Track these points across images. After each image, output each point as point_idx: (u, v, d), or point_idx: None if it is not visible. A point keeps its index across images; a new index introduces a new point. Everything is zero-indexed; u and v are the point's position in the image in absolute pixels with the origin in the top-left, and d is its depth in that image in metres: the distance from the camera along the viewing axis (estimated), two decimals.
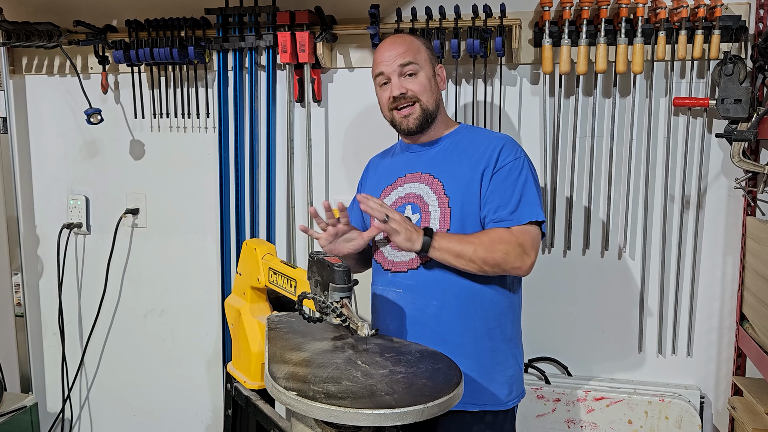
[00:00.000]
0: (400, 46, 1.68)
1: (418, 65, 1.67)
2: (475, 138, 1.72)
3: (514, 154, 1.65)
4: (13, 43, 2.44)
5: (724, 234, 2.14)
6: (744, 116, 1.97)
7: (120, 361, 2.73)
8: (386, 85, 1.70)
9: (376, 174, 1.87)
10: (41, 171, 2.71)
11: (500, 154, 1.64)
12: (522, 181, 1.63)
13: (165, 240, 2.62)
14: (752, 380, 2.03)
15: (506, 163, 1.64)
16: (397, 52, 1.67)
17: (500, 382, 1.66)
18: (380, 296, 1.73)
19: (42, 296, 2.77)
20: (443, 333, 1.62)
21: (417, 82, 1.67)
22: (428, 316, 1.64)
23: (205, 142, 2.51)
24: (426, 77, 1.69)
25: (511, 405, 1.68)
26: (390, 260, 1.70)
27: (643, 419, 2.13)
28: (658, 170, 2.14)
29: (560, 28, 2.06)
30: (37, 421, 2.54)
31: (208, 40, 2.36)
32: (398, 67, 1.66)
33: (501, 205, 1.61)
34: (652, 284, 2.19)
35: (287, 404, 1.20)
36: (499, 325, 1.67)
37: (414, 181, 1.71)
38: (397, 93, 1.67)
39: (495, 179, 1.63)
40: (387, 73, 1.68)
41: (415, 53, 1.68)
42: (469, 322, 1.64)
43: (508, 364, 1.69)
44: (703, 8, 1.95)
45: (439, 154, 1.72)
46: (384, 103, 1.72)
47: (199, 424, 2.69)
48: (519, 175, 1.63)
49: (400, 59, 1.66)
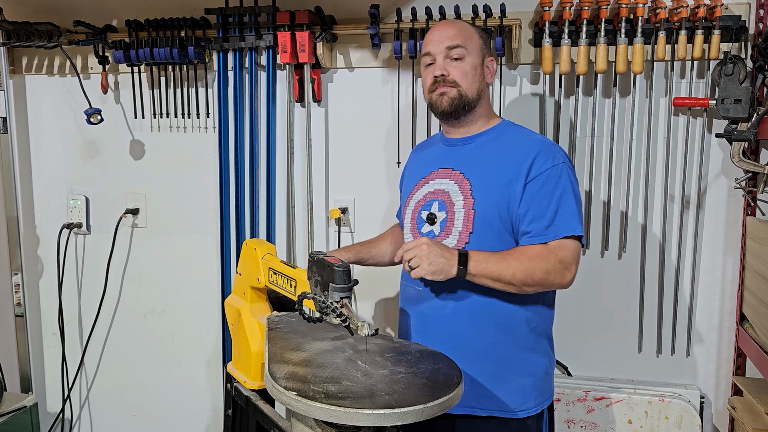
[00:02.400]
0: (452, 28, 1.65)
1: (466, 50, 1.63)
2: (512, 139, 1.66)
3: (550, 162, 1.57)
4: (13, 43, 2.44)
5: (724, 234, 2.14)
6: (744, 116, 1.97)
7: (120, 361, 2.73)
8: (430, 66, 1.66)
9: (413, 166, 1.85)
10: (41, 171, 2.71)
11: (533, 163, 1.56)
12: (559, 191, 1.55)
13: (165, 240, 2.62)
14: (752, 380, 2.03)
15: (541, 172, 1.56)
16: (447, 34, 1.64)
17: (512, 391, 1.62)
18: (404, 292, 1.76)
19: (42, 296, 2.77)
20: (455, 335, 1.61)
21: (460, 67, 1.63)
22: (443, 317, 1.63)
23: (205, 142, 2.51)
24: (471, 65, 1.64)
25: (523, 415, 1.62)
26: None
27: (643, 419, 2.13)
28: (658, 170, 2.14)
29: (560, 28, 2.06)
30: (37, 421, 2.54)
31: (208, 40, 2.36)
32: (445, 49, 1.63)
33: (536, 218, 1.55)
34: (652, 284, 2.19)
35: (287, 404, 1.20)
36: (514, 334, 1.62)
37: (444, 177, 1.67)
38: (438, 73, 1.63)
39: (529, 190, 1.56)
40: (433, 53, 1.65)
41: (466, 38, 1.64)
42: (483, 328, 1.61)
43: (523, 373, 1.63)
44: (703, 8, 1.95)
45: (474, 151, 1.67)
46: (426, 85, 1.68)
47: (199, 424, 2.69)
48: (556, 185, 1.56)
49: (448, 41, 1.63)
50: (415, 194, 1.74)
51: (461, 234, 1.61)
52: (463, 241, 1.61)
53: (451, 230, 1.63)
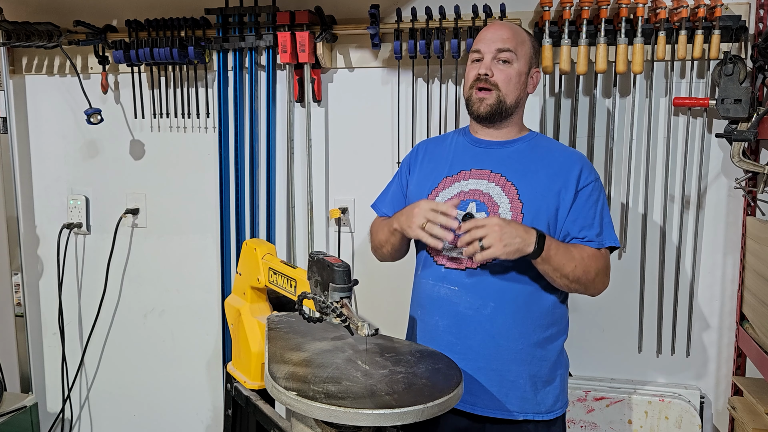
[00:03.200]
0: (507, 31, 1.65)
1: (515, 55, 1.63)
2: (552, 149, 1.69)
3: (594, 175, 1.65)
4: (13, 43, 2.44)
5: (724, 234, 2.14)
6: (744, 116, 1.97)
7: (120, 361, 2.73)
8: (477, 62, 1.65)
9: (430, 160, 1.77)
10: (41, 171, 2.71)
11: (582, 173, 1.62)
12: (602, 203, 1.63)
13: (165, 240, 2.62)
14: (752, 380, 2.03)
15: (588, 182, 1.62)
16: (501, 35, 1.63)
17: (547, 392, 1.64)
18: (430, 291, 1.66)
19: (42, 296, 2.77)
20: (496, 335, 1.59)
21: (505, 72, 1.63)
22: (483, 317, 1.60)
23: (205, 142, 2.51)
24: (517, 71, 1.64)
25: (553, 416, 1.65)
26: (445, 255, 1.64)
27: (643, 419, 2.13)
28: (658, 170, 2.14)
29: (560, 28, 2.06)
30: (37, 421, 2.54)
31: (208, 40, 2.36)
32: (495, 51, 1.62)
33: (586, 225, 1.60)
34: (652, 284, 2.19)
35: (287, 404, 1.20)
36: (552, 335, 1.65)
37: (482, 179, 1.65)
38: (483, 71, 1.62)
39: (579, 198, 1.61)
40: (483, 51, 1.64)
41: (518, 44, 1.64)
42: (523, 327, 1.61)
43: (556, 374, 1.66)
44: (703, 8, 1.95)
45: (513, 156, 1.67)
46: (469, 80, 1.67)
47: (199, 424, 2.69)
48: (599, 197, 1.63)
49: (500, 43, 1.62)
50: (443, 192, 1.68)
51: None
52: None
53: None
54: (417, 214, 1.54)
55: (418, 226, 1.52)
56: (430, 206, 1.53)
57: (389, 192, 1.85)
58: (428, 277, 1.68)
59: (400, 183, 1.82)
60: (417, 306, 1.72)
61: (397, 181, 1.83)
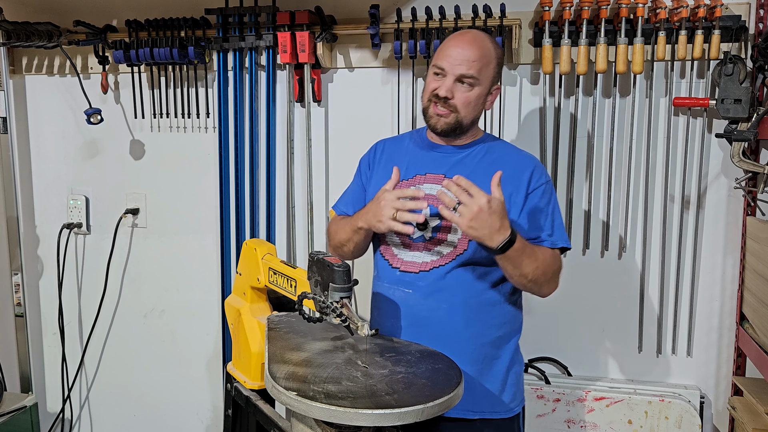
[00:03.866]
0: (474, 52, 1.59)
1: (479, 80, 1.60)
2: (505, 152, 1.70)
3: (545, 177, 1.66)
4: (13, 43, 2.44)
5: (724, 234, 2.14)
6: (744, 116, 1.97)
7: (120, 361, 2.73)
8: (439, 76, 1.62)
9: (387, 162, 1.77)
10: (41, 171, 2.71)
11: (532, 175, 1.63)
12: (552, 205, 1.65)
13: (165, 240, 2.62)
14: (752, 380, 2.03)
15: (539, 185, 1.63)
16: (467, 57, 1.58)
17: (502, 391, 1.66)
18: (384, 294, 1.69)
19: (42, 296, 2.77)
20: (450, 337, 1.61)
21: (465, 96, 1.61)
22: (437, 319, 1.62)
23: (205, 142, 2.51)
24: (477, 95, 1.62)
25: (510, 414, 1.67)
26: (400, 258, 1.66)
27: (643, 419, 2.13)
28: (658, 170, 2.14)
29: (560, 28, 2.06)
30: (37, 421, 2.54)
31: (208, 40, 2.36)
32: (459, 75, 1.59)
33: (537, 227, 1.61)
34: (652, 284, 2.19)
35: (287, 404, 1.20)
36: (505, 334, 1.67)
37: (436, 183, 1.65)
38: (443, 94, 1.60)
39: (529, 201, 1.62)
40: (446, 71, 1.60)
41: (483, 66, 1.60)
42: (476, 329, 1.63)
43: (511, 373, 1.68)
44: (703, 8, 1.95)
45: (466, 161, 1.68)
46: (428, 92, 1.65)
47: (199, 424, 2.69)
48: (550, 199, 1.65)
49: (465, 68, 1.58)
50: None
51: (460, 241, 1.61)
52: (461, 248, 1.61)
53: (447, 237, 1.62)
54: (384, 206, 1.53)
55: (389, 218, 1.52)
56: (396, 195, 1.53)
57: (349, 191, 1.85)
58: (384, 279, 1.70)
59: (360, 182, 1.81)
60: (374, 308, 1.75)
61: (357, 181, 1.84)
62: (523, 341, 1.77)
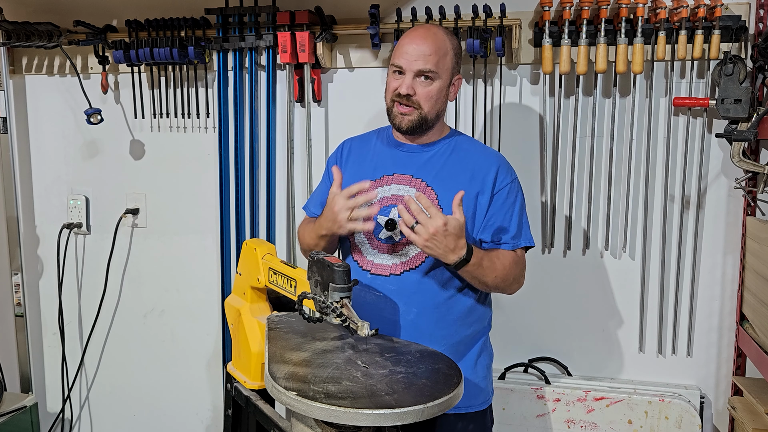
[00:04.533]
0: (429, 45, 1.60)
1: (437, 74, 1.61)
2: (471, 151, 1.71)
3: (510, 176, 1.68)
4: (13, 43, 2.44)
5: (724, 234, 2.14)
6: (744, 116, 1.97)
7: (120, 361, 2.73)
8: (398, 74, 1.63)
9: (355, 162, 1.78)
10: (41, 171, 2.71)
11: (498, 175, 1.66)
12: (518, 205, 1.67)
13: (165, 240, 2.62)
14: (752, 380, 2.03)
15: (504, 185, 1.66)
16: (422, 52, 1.59)
17: (473, 386, 1.69)
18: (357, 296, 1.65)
19: (42, 296, 2.77)
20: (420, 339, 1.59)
21: (427, 90, 1.62)
22: (407, 322, 1.64)
23: (205, 142, 2.51)
24: (438, 88, 1.63)
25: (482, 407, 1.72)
26: (370, 261, 1.68)
27: (643, 419, 2.13)
28: (658, 170, 2.14)
29: (560, 28, 2.06)
30: (37, 421, 2.54)
31: (208, 40, 2.36)
32: (416, 71, 1.60)
33: (502, 228, 1.64)
34: (652, 284, 2.19)
35: (287, 404, 1.20)
36: (474, 332, 1.71)
37: (403, 184, 1.67)
38: (404, 92, 1.61)
39: (495, 201, 1.64)
40: (404, 68, 1.61)
41: (439, 59, 1.61)
42: (446, 330, 1.66)
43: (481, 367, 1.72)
44: (703, 8, 1.95)
45: (433, 160, 1.69)
46: (389, 92, 1.67)
47: (199, 424, 2.69)
48: (516, 198, 1.67)
49: (422, 63, 1.59)
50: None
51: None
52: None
53: None
54: (338, 211, 1.55)
55: (346, 220, 1.54)
56: (344, 195, 1.54)
57: (318, 192, 1.86)
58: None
59: (329, 182, 1.79)
60: None
61: (326, 181, 1.83)
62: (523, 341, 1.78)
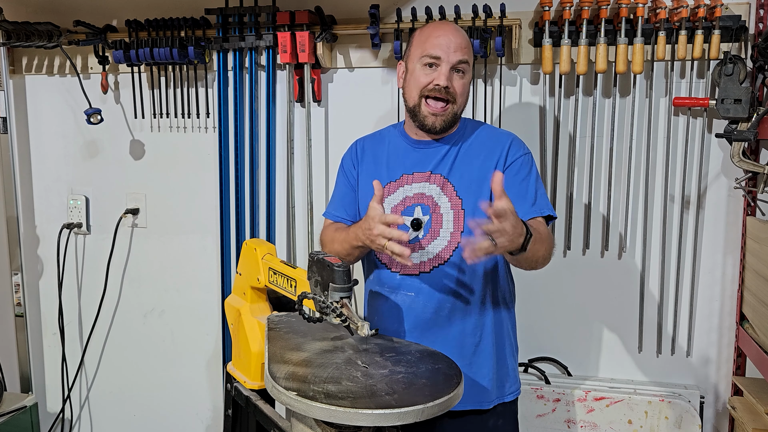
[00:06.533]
0: (461, 38, 1.60)
1: (469, 66, 1.62)
2: (482, 135, 1.70)
3: (522, 150, 1.66)
4: (13, 43, 2.44)
5: (724, 234, 2.14)
6: (744, 116, 1.97)
7: (120, 361, 2.73)
8: (432, 68, 1.58)
9: (371, 162, 1.75)
10: (41, 171, 2.71)
11: (510, 150, 1.64)
12: (533, 176, 1.65)
13: (165, 240, 2.62)
14: (752, 380, 2.03)
15: (516, 158, 1.64)
16: (458, 43, 1.58)
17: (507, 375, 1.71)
18: (387, 299, 1.68)
19: (42, 296, 2.77)
20: (457, 335, 1.63)
21: (462, 83, 1.61)
22: (442, 318, 1.63)
23: (205, 142, 2.51)
24: (469, 82, 1.64)
25: (512, 397, 1.73)
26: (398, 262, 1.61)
27: (643, 419, 2.13)
28: (658, 170, 2.14)
29: (560, 28, 2.06)
30: (37, 421, 2.54)
31: (208, 40, 2.36)
32: (456, 61, 1.57)
33: (519, 197, 1.56)
34: (652, 284, 2.19)
35: (287, 404, 1.20)
36: (505, 327, 1.71)
37: (423, 181, 1.66)
38: (444, 83, 1.56)
39: (508, 174, 1.61)
40: (443, 58, 1.56)
41: (469, 53, 1.62)
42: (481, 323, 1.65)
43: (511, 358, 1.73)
44: (703, 8, 1.95)
45: (449, 153, 1.67)
46: (419, 85, 1.59)
47: (199, 424, 2.69)
48: (530, 170, 1.65)
49: (460, 54, 1.58)
50: (388, 198, 1.67)
51: (453, 235, 1.62)
52: (455, 241, 1.61)
53: (439, 232, 1.63)
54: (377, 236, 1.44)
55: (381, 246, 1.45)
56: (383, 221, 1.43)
57: (338, 194, 1.80)
58: (383, 284, 1.69)
59: (348, 183, 1.77)
60: (373, 312, 1.74)
61: (344, 182, 1.79)
62: (523, 341, 1.78)
